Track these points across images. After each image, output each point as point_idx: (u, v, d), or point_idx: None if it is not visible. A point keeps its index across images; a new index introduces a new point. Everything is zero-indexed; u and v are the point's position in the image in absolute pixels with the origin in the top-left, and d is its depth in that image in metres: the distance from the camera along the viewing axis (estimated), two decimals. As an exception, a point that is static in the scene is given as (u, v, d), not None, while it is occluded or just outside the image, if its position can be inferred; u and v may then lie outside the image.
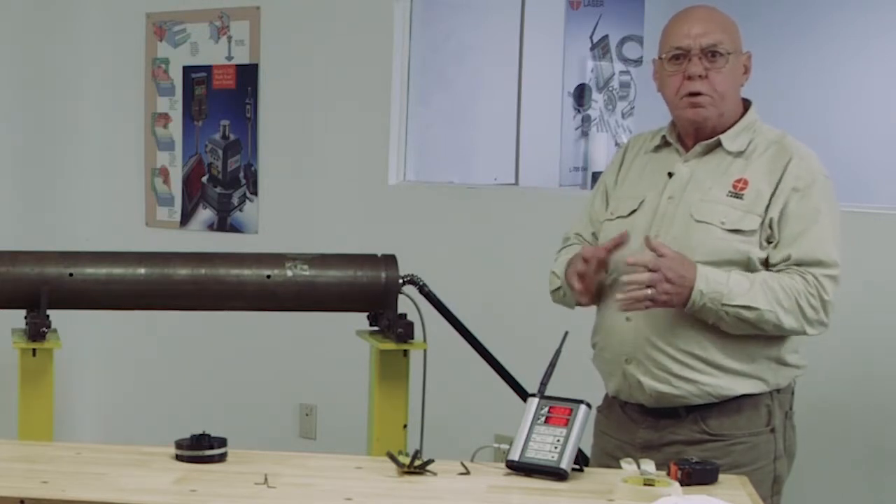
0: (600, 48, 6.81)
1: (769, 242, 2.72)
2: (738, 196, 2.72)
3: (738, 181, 2.74)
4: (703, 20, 2.78)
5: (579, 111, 6.68)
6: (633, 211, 2.84)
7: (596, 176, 6.49)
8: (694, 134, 2.82)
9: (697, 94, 2.74)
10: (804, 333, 2.72)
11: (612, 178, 2.98)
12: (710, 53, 2.74)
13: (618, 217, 2.88)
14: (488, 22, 5.80)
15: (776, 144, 2.78)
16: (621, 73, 6.95)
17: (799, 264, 2.68)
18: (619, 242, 2.73)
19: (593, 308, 2.95)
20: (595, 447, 2.94)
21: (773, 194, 2.71)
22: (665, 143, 2.88)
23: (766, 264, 2.71)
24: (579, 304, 2.92)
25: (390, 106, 4.78)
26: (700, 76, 2.74)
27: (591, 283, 2.77)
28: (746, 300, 2.64)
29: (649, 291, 2.61)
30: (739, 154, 2.78)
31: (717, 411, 2.75)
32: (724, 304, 2.63)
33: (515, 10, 5.81)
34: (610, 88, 6.93)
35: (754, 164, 2.76)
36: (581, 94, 6.68)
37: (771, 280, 2.66)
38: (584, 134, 6.75)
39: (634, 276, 2.62)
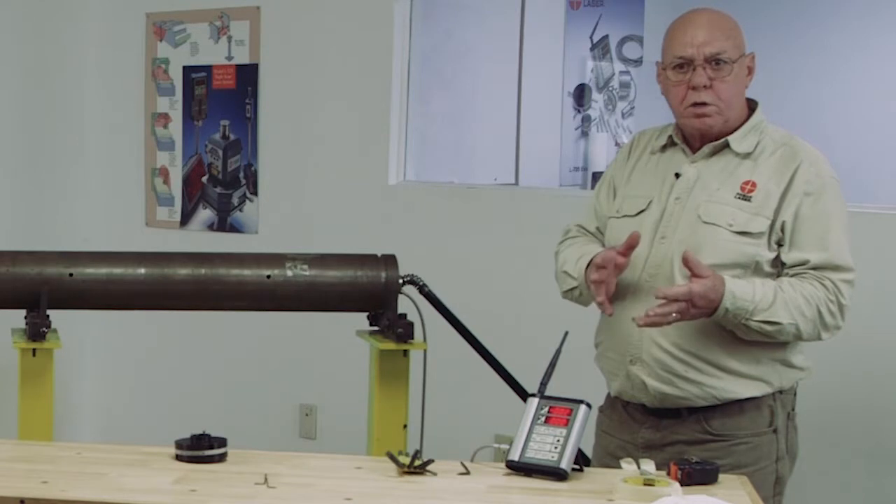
0: (600, 48, 6.81)
1: (779, 245, 2.71)
2: (746, 198, 2.71)
3: (747, 183, 2.73)
4: (706, 27, 2.74)
5: (579, 111, 6.68)
6: (641, 211, 2.83)
7: (596, 176, 6.51)
8: (700, 138, 2.81)
9: (703, 103, 2.73)
10: (819, 339, 2.72)
11: (621, 173, 2.95)
12: (714, 62, 2.72)
13: (624, 216, 2.86)
14: (488, 22, 5.80)
15: (785, 146, 2.77)
16: (621, 73, 6.95)
17: (816, 269, 2.68)
18: (633, 245, 2.70)
19: (595, 308, 2.94)
20: (597, 447, 2.94)
21: (783, 197, 2.71)
22: (671, 143, 2.87)
23: (775, 265, 2.71)
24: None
25: (390, 106, 4.78)
26: (705, 86, 2.72)
27: (611, 289, 2.73)
28: (769, 315, 2.63)
29: (674, 316, 2.60)
30: (747, 155, 2.77)
31: (719, 412, 2.75)
32: (747, 319, 2.63)
33: (515, 10, 5.81)
34: (610, 88, 6.93)
35: (762, 166, 2.75)
36: (581, 94, 6.68)
37: (793, 290, 2.66)
38: (584, 134, 6.76)
39: (666, 309, 2.59)
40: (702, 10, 2.81)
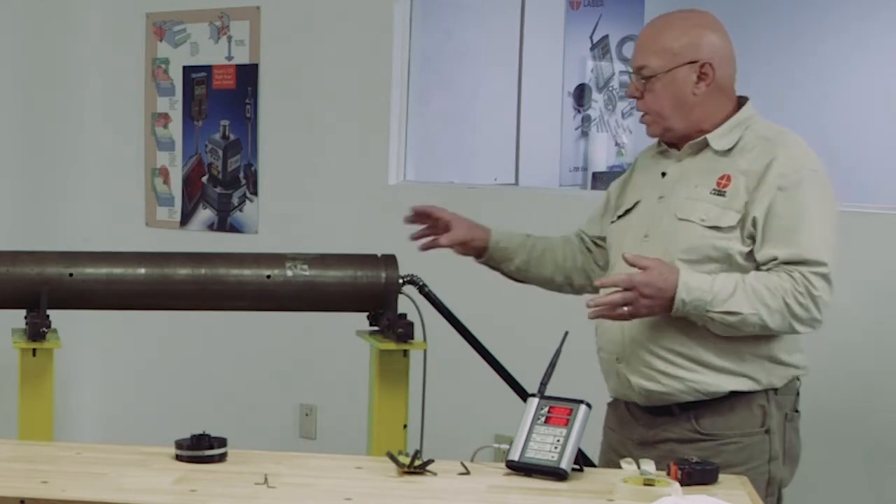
0: (600, 48, 6.81)
1: (753, 240, 2.71)
2: (720, 193, 2.73)
3: (722, 178, 2.75)
4: (641, 39, 2.88)
5: (579, 111, 6.69)
6: (629, 210, 2.90)
7: (596, 176, 6.52)
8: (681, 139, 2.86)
9: (643, 112, 2.85)
10: (794, 332, 2.70)
11: (616, 187, 3.05)
12: (641, 75, 2.82)
13: (617, 217, 2.93)
14: (488, 22, 5.81)
15: (766, 141, 2.77)
16: (621, 73, 6.95)
17: (786, 263, 2.66)
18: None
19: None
20: (603, 442, 2.99)
21: (755, 191, 2.70)
22: (665, 149, 2.93)
23: (750, 259, 2.71)
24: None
25: (390, 106, 4.78)
26: (636, 96, 2.85)
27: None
28: (729, 306, 2.63)
29: (625, 309, 2.63)
30: (726, 152, 2.79)
31: (710, 410, 2.76)
32: (707, 311, 2.64)
33: (515, 10, 5.82)
34: (610, 88, 6.94)
35: (739, 161, 2.76)
36: (581, 94, 6.68)
37: (756, 282, 2.65)
38: (584, 134, 6.76)
39: (606, 299, 2.64)
40: (654, 20, 2.91)
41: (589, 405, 2.44)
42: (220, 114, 5.12)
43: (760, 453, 2.78)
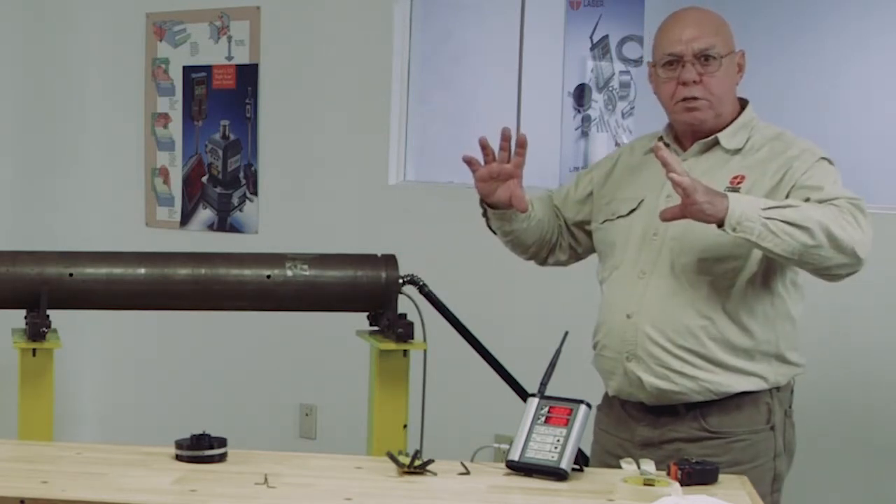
0: (600, 48, 6.80)
1: None
2: (735, 191, 2.70)
3: (736, 177, 2.74)
4: (695, 24, 2.77)
5: (579, 111, 6.68)
6: (633, 210, 2.85)
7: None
8: (691, 136, 2.82)
9: (693, 98, 2.74)
10: (856, 256, 2.63)
11: (601, 173, 3.04)
12: (704, 58, 2.74)
13: (618, 217, 2.89)
14: (488, 22, 5.80)
15: (775, 141, 2.78)
16: (621, 73, 6.94)
17: (820, 202, 2.62)
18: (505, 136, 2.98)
19: (593, 308, 2.95)
20: (595, 445, 2.95)
21: (775, 189, 2.69)
22: (664, 144, 2.88)
23: (769, 258, 2.69)
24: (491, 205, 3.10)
25: (390, 106, 4.78)
26: (694, 81, 2.74)
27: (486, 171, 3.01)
28: (783, 203, 2.57)
29: (698, 188, 2.51)
30: (737, 151, 2.78)
31: (716, 409, 2.76)
32: (763, 209, 2.53)
33: (515, 10, 5.81)
34: (610, 88, 6.92)
35: (750, 161, 2.76)
36: (581, 94, 6.67)
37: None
38: (584, 134, 6.75)
39: (684, 177, 2.52)
40: (690, 9, 2.84)
41: (589, 405, 2.45)
42: (220, 114, 5.12)
43: (766, 450, 2.78)
